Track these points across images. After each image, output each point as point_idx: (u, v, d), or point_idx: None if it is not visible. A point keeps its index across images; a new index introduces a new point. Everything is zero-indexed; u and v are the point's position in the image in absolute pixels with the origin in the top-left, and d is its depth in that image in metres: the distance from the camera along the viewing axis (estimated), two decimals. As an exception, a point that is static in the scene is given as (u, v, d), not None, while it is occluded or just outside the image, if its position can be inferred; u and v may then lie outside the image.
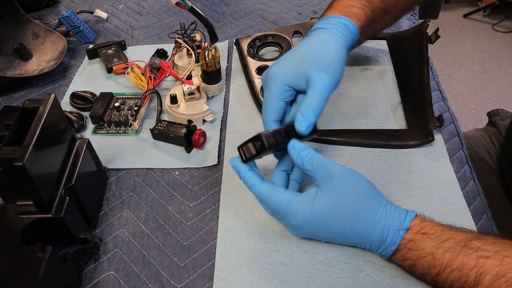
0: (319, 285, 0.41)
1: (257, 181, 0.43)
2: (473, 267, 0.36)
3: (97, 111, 0.59)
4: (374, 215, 0.40)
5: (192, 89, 0.58)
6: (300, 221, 0.41)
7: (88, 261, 0.45)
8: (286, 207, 0.41)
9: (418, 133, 0.54)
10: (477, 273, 0.36)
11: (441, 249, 0.38)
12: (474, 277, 0.36)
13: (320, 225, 0.41)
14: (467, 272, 0.36)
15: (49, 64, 0.69)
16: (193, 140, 0.53)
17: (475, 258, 0.37)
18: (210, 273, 0.43)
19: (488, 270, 0.36)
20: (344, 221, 0.40)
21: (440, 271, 0.37)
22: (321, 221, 0.40)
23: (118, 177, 0.53)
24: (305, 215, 0.40)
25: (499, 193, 0.69)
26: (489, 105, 1.82)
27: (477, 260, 0.36)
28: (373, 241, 0.40)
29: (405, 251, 0.39)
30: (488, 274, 0.36)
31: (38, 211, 0.39)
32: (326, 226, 0.41)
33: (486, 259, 0.36)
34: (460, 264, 0.37)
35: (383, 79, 0.64)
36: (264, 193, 0.42)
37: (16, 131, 0.39)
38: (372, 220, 0.40)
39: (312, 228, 0.41)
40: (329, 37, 0.48)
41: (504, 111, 0.82)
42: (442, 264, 0.37)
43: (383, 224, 0.40)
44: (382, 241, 0.40)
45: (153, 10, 0.85)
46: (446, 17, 2.35)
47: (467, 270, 0.36)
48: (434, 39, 0.54)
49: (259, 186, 0.42)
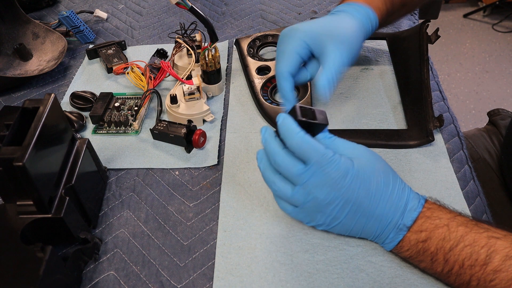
0: (319, 285, 0.41)
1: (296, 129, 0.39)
2: (484, 245, 0.37)
3: (97, 111, 0.59)
4: (400, 182, 0.41)
5: (192, 89, 0.58)
6: (344, 171, 0.38)
7: (88, 261, 0.45)
8: (329, 158, 0.38)
9: (418, 133, 0.54)
10: (487, 251, 0.36)
11: (455, 222, 0.39)
12: (485, 255, 0.36)
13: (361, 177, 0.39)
14: (478, 250, 0.37)
15: (49, 64, 0.69)
16: (193, 140, 0.53)
17: (486, 237, 0.37)
18: (210, 273, 0.43)
19: (498, 250, 0.36)
20: (378, 178, 0.40)
21: (453, 246, 0.38)
22: (362, 174, 0.39)
23: (118, 177, 0.53)
24: (348, 167, 0.39)
25: (499, 193, 0.69)
26: (489, 105, 1.82)
27: (488, 239, 0.37)
28: (398, 208, 0.40)
29: (423, 219, 0.39)
30: (498, 254, 0.36)
31: (38, 211, 0.39)
32: (364, 180, 0.39)
33: (497, 239, 0.37)
34: (472, 240, 0.37)
35: (383, 79, 0.64)
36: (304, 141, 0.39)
37: (16, 131, 0.39)
38: (400, 186, 0.41)
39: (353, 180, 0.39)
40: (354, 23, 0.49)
41: (505, 110, 0.82)
42: (456, 238, 0.38)
43: (407, 192, 0.41)
44: (405, 209, 0.40)
45: (153, 10, 0.85)
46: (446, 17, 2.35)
47: (479, 248, 0.37)
48: (434, 39, 0.54)
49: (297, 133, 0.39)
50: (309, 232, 0.45)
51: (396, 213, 0.40)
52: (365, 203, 0.40)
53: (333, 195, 0.39)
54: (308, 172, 0.39)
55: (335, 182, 0.39)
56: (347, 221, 0.41)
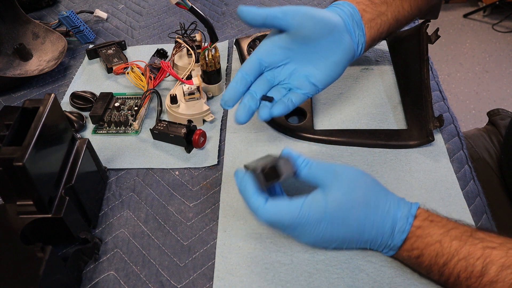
0: (319, 285, 0.41)
1: (261, 202, 0.40)
2: (479, 257, 0.36)
3: (97, 111, 0.59)
4: (384, 205, 0.40)
5: (192, 89, 0.58)
6: (316, 221, 0.39)
7: (88, 261, 0.45)
8: (297, 217, 0.39)
9: (418, 133, 0.54)
10: (483, 263, 0.36)
11: (448, 237, 0.38)
12: (481, 267, 0.36)
13: (336, 221, 0.40)
14: (473, 262, 0.36)
15: (49, 64, 0.69)
16: (193, 140, 0.53)
17: (481, 248, 0.37)
18: (210, 273, 0.43)
19: (494, 261, 0.36)
20: (358, 213, 0.40)
21: (447, 260, 0.37)
22: (336, 217, 0.39)
23: (118, 177, 0.53)
24: (320, 215, 0.39)
25: (499, 193, 0.69)
26: (489, 105, 1.82)
27: (483, 250, 0.37)
28: (385, 232, 0.40)
29: (414, 239, 0.39)
30: (494, 265, 0.36)
31: (38, 211, 0.39)
32: (341, 220, 0.40)
33: (492, 250, 0.36)
34: (467, 253, 0.37)
35: (383, 79, 0.64)
36: (271, 215, 0.40)
37: (16, 131, 0.39)
38: (383, 209, 0.40)
39: (328, 225, 0.40)
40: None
41: (504, 110, 0.82)
42: (450, 253, 0.37)
43: (393, 212, 0.40)
44: (393, 230, 0.40)
45: (153, 10, 0.85)
46: (446, 17, 2.35)
47: (474, 260, 0.36)
48: (434, 39, 0.54)
49: (263, 208, 0.40)
50: (309, 232, 0.45)
51: (384, 237, 0.40)
52: (348, 237, 0.41)
53: (313, 239, 0.41)
54: (285, 231, 0.42)
55: (311, 232, 0.40)
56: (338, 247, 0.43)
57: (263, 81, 0.48)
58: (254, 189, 0.41)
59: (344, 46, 0.48)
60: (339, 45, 0.47)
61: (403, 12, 0.53)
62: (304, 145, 0.55)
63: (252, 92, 0.48)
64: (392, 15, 0.52)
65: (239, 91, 0.47)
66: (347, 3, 0.50)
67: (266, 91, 0.49)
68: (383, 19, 0.51)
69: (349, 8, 0.49)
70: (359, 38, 0.50)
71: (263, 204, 0.40)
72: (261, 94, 0.48)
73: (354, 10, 0.49)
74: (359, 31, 0.49)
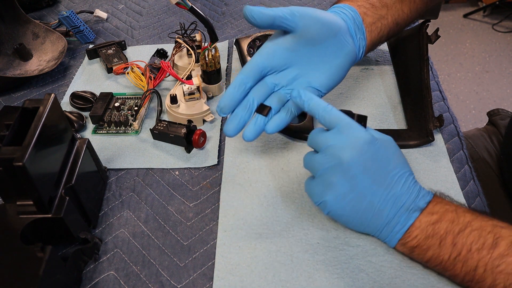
0: (319, 285, 0.41)
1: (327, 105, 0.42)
2: (490, 231, 0.38)
3: (97, 111, 0.59)
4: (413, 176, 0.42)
5: (192, 89, 0.58)
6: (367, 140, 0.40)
7: (88, 261, 0.45)
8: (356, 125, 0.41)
9: (418, 133, 0.54)
10: (494, 237, 0.37)
11: (461, 209, 0.40)
12: (492, 240, 0.37)
13: (382, 155, 0.41)
14: (485, 234, 0.38)
15: (49, 64, 0.69)
16: (193, 140, 0.53)
17: (491, 225, 0.38)
18: (210, 273, 0.43)
19: (504, 236, 0.37)
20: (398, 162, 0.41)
21: (462, 229, 0.38)
22: (384, 151, 0.41)
23: (118, 177, 0.53)
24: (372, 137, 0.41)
25: (499, 193, 0.69)
26: (489, 105, 1.82)
27: (494, 227, 0.38)
28: (414, 191, 0.41)
29: (435, 203, 0.41)
30: (504, 240, 0.37)
31: (38, 211, 0.39)
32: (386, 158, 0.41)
33: (501, 228, 0.38)
34: (479, 226, 0.38)
35: (383, 79, 0.64)
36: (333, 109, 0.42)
37: (16, 131, 0.39)
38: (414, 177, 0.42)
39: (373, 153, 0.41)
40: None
41: (504, 110, 0.82)
42: (464, 222, 0.39)
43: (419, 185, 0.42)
44: (419, 193, 0.41)
45: (153, 10, 0.85)
46: (446, 17, 2.35)
47: (486, 233, 0.38)
48: (434, 39, 0.54)
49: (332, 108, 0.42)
50: (309, 232, 0.45)
51: (411, 196, 0.41)
52: (382, 177, 0.40)
53: (355, 158, 0.40)
54: (335, 135, 0.41)
55: (359, 146, 0.40)
56: (361, 197, 0.40)
57: (263, 87, 0.48)
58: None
59: (347, 50, 0.48)
60: (342, 48, 0.47)
61: (403, 16, 0.53)
62: (304, 145, 0.55)
63: (249, 100, 0.47)
64: (392, 19, 0.52)
65: (236, 98, 0.46)
66: (348, 6, 0.50)
67: (265, 97, 0.48)
68: (384, 23, 0.51)
69: (351, 12, 0.49)
70: (360, 42, 0.50)
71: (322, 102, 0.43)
72: (259, 101, 0.47)
73: (355, 14, 0.49)
74: (360, 35, 0.49)
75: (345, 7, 0.50)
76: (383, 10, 0.51)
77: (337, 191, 0.40)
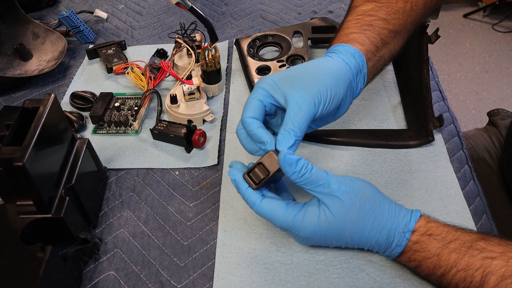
0: (319, 285, 0.41)
1: (258, 199, 0.41)
2: (479, 268, 0.36)
3: (97, 111, 0.59)
4: (380, 220, 0.40)
5: (192, 89, 0.58)
6: (308, 234, 0.40)
7: (88, 261, 0.45)
8: (292, 222, 0.40)
9: (418, 133, 0.54)
10: (482, 273, 0.36)
11: (446, 250, 0.38)
12: (480, 277, 0.36)
13: (329, 235, 0.40)
14: (472, 273, 0.36)
15: (49, 64, 0.69)
16: (193, 140, 0.53)
17: (480, 259, 0.37)
18: (210, 273, 0.43)
19: (494, 271, 0.36)
20: (352, 229, 0.40)
21: (446, 272, 0.38)
22: (330, 232, 0.40)
23: (118, 177, 0.53)
24: (313, 228, 0.40)
25: (499, 193, 0.69)
26: (489, 105, 1.82)
27: (483, 261, 0.36)
28: (380, 244, 0.40)
29: (411, 253, 0.39)
30: (494, 275, 0.36)
31: (38, 211, 0.39)
32: (334, 236, 0.40)
33: (492, 260, 0.36)
34: (466, 265, 0.37)
35: (383, 79, 0.64)
36: (267, 211, 0.40)
37: (16, 131, 0.39)
38: (379, 225, 0.40)
39: (321, 238, 0.41)
40: (320, 61, 0.45)
41: (504, 110, 0.82)
42: (448, 265, 0.37)
43: (389, 227, 0.40)
44: (389, 244, 0.40)
45: (153, 10, 0.85)
46: (446, 17, 2.35)
47: (473, 271, 0.36)
48: (434, 39, 0.54)
49: (260, 204, 0.41)
50: (309, 232, 0.45)
51: (380, 248, 0.41)
52: (343, 246, 0.42)
53: (307, 243, 0.43)
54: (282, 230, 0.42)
55: (304, 238, 0.41)
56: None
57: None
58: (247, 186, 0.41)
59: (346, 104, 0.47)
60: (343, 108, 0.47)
61: (398, 49, 0.51)
62: (304, 145, 0.55)
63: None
64: (389, 55, 0.50)
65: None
66: (358, 52, 0.46)
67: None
68: (381, 63, 0.50)
69: (359, 61, 0.46)
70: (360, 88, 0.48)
71: (259, 201, 0.41)
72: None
73: (363, 63, 0.47)
74: (361, 84, 0.47)
75: (356, 54, 0.46)
76: (384, 50, 0.49)
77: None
